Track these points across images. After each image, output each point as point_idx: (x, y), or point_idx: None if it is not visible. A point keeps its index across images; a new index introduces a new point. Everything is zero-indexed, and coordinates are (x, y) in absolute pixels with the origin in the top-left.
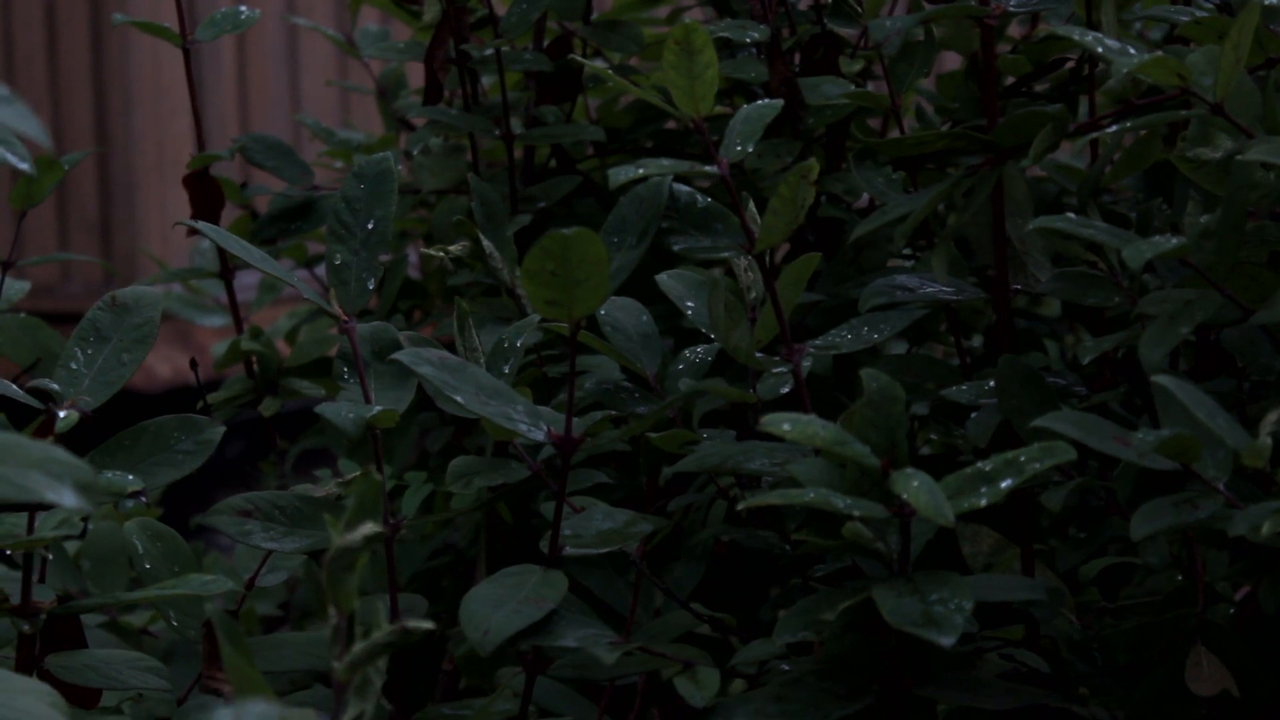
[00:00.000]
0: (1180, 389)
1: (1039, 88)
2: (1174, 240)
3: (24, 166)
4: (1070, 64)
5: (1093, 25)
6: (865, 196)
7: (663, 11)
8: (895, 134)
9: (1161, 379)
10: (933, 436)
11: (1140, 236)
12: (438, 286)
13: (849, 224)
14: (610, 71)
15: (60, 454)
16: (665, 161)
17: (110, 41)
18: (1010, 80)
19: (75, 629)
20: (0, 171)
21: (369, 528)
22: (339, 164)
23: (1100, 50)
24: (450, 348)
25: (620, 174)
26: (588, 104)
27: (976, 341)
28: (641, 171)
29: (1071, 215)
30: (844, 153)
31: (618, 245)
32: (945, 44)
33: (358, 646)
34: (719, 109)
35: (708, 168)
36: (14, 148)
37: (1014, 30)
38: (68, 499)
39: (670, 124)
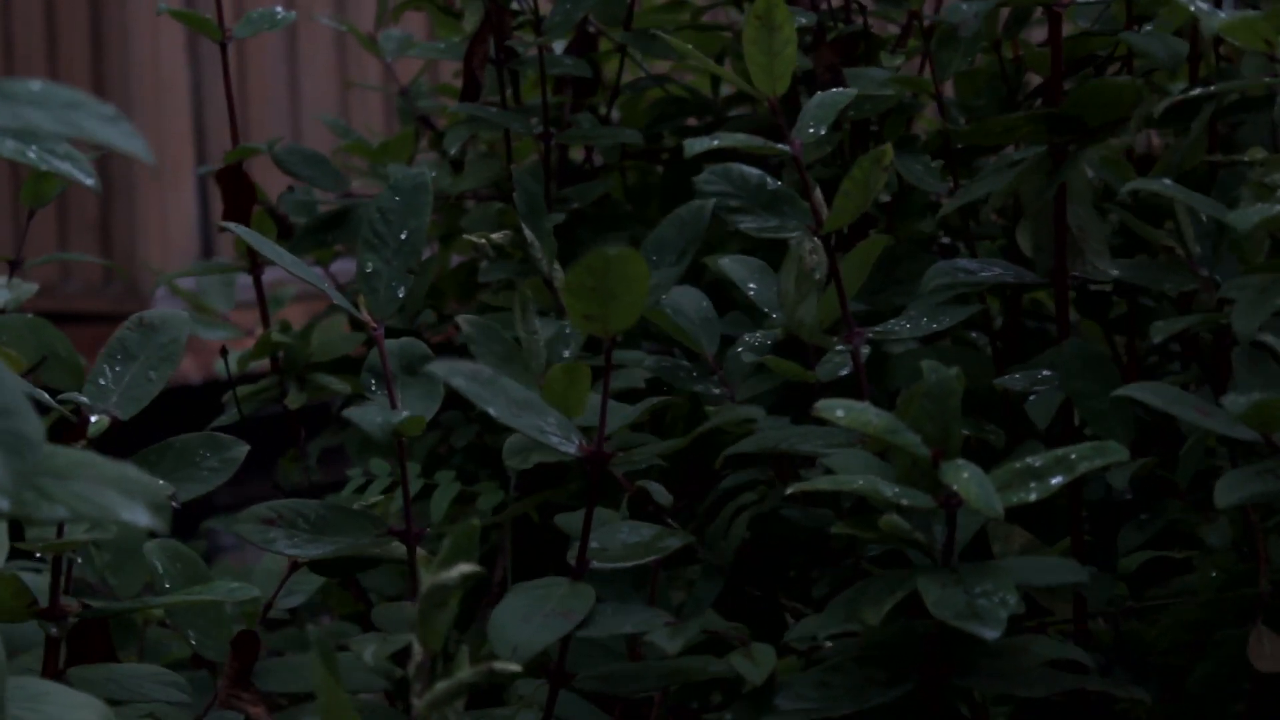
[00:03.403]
0: None
1: (1067, 86)
2: None
3: (90, 183)
4: (1100, 61)
5: (1132, 20)
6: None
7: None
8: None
9: (1265, 336)
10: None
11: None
12: (454, 288)
13: (880, 219)
14: (692, 49)
15: (134, 472)
16: (740, 135)
17: (110, 41)
18: (1034, 80)
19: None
20: (0, 174)
21: (465, 567)
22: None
23: (1192, 9)
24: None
25: (696, 145)
26: (610, 105)
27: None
28: (717, 143)
29: (1167, 181)
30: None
31: (657, 263)
32: None
33: (440, 685)
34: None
35: (780, 145)
36: (80, 164)
37: (1030, 34)
38: (142, 518)
39: (691, 120)
